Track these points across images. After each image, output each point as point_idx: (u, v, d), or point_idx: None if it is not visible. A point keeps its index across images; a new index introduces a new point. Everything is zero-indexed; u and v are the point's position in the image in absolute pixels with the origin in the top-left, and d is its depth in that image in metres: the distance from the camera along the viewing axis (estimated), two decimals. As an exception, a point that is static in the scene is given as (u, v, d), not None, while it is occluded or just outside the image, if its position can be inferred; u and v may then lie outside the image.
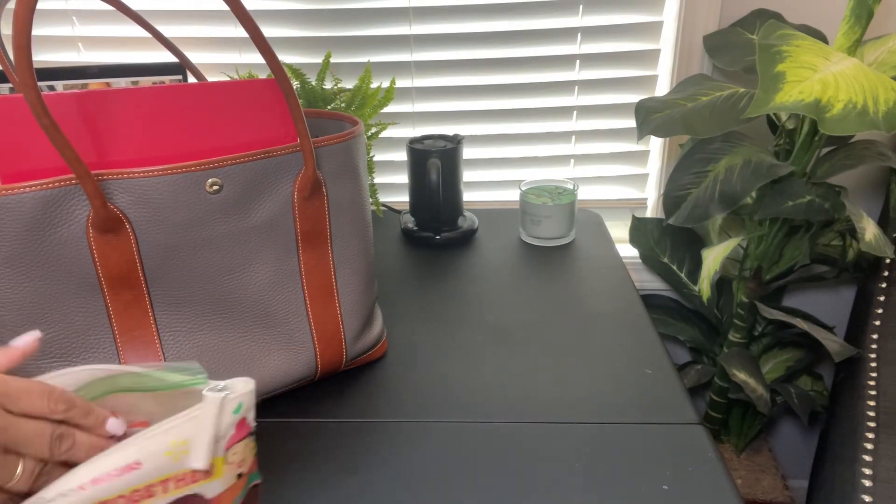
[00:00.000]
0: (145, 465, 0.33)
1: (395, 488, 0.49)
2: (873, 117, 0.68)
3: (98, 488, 0.32)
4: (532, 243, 0.91)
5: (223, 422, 0.35)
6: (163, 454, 0.33)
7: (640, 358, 0.64)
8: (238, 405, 0.36)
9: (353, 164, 0.56)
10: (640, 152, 1.12)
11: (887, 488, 0.75)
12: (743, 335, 1.04)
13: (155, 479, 0.33)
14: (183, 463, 0.34)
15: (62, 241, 0.44)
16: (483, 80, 1.07)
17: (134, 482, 0.33)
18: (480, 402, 0.59)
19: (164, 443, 0.33)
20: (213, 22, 1.04)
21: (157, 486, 0.34)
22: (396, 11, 1.03)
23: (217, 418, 0.35)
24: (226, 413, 0.35)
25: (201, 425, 0.35)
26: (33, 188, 0.42)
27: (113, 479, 0.32)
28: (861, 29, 0.79)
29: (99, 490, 0.32)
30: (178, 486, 0.35)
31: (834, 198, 0.84)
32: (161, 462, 0.33)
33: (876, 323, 0.94)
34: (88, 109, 0.45)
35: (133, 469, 0.33)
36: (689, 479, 0.49)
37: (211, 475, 0.36)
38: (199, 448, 0.35)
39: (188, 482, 0.35)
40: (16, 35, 0.36)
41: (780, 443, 1.33)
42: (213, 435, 0.35)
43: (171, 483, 0.34)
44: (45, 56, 1.05)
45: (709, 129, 0.80)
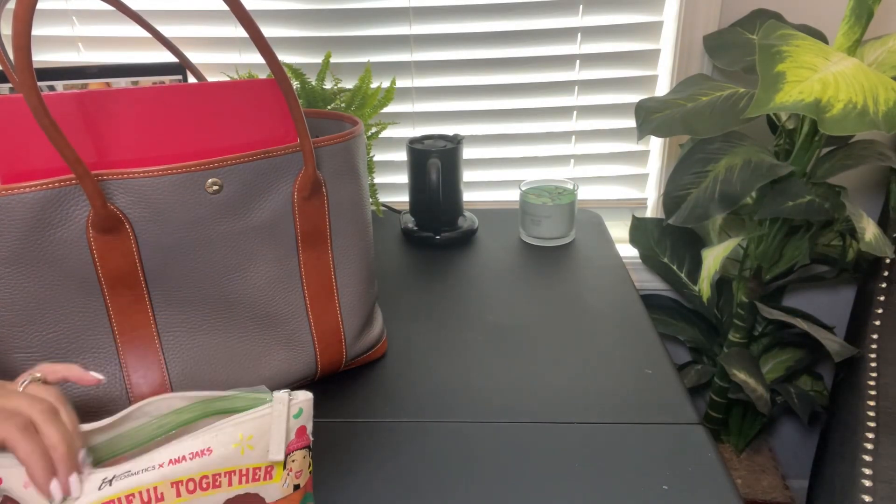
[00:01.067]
0: (215, 453, 0.36)
1: (395, 488, 0.49)
2: (873, 117, 0.68)
3: (174, 468, 0.35)
4: (532, 243, 0.91)
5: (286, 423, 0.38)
6: (231, 445, 0.37)
7: (640, 358, 0.64)
8: (299, 409, 0.39)
9: (353, 164, 0.56)
10: (640, 152, 1.12)
11: (887, 488, 0.75)
12: (743, 335, 1.04)
13: (221, 469, 0.37)
14: (248, 458, 0.37)
15: (62, 241, 0.44)
16: (483, 80, 1.07)
17: (203, 468, 0.36)
18: (480, 402, 0.59)
19: (233, 435, 0.37)
20: (213, 22, 1.04)
21: (223, 477, 0.37)
22: (396, 11, 1.03)
23: (286, 415, 0.38)
24: (289, 415, 0.38)
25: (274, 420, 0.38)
26: (33, 188, 0.42)
27: (187, 462, 0.35)
28: (861, 29, 0.79)
29: (174, 469, 0.35)
30: (241, 481, 0.37)
31: (834, 198, 0.84)
32: (229, 453, 0.36)
33: (876, 323, 0.94)
34: (88, 109, 0.45)
35: (205, 454, 0.36)
36: (689, 479, 0.49)
37: (271, 478, 0.39)
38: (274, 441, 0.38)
39: (250, 480, 0.38)
40: (16, 35, 0.36)
41: (780, 443, 1.33)
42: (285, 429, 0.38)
43: (234, 476, 0.37)
44: (45, 56, 1.05)
45: (709, 129, 0.80)
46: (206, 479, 0.36)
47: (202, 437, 0.36)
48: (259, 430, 0.38)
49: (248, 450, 0.37)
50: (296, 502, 0.40)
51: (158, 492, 0.35)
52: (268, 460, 0.38)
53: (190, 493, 0.36)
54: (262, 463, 0.38)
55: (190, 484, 0.36)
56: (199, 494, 0.36)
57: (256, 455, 0.38)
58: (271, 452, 0.38)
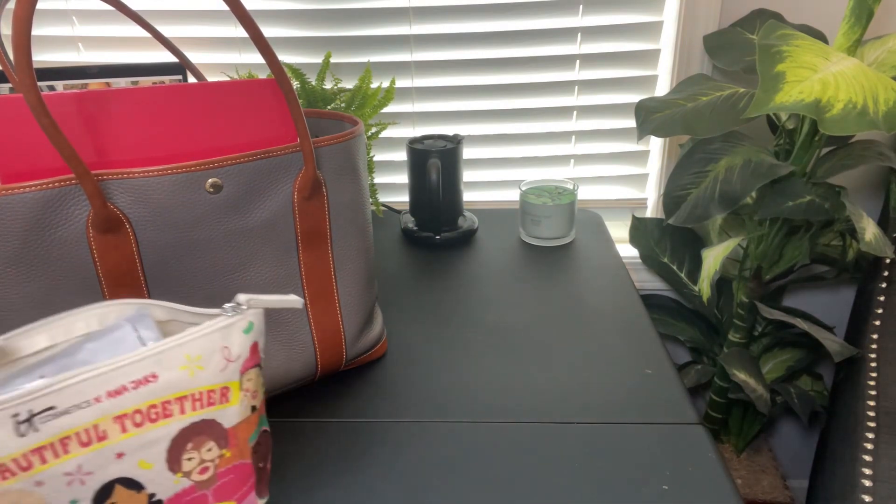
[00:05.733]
0: (161, 379, 0.32)
1: (395, 488, 0.49)
2: (873, 117, 0.68)
3: (114, 401, 0.31)
4: (532, 243, 0.91)
5: (235, 339, 0.35)
6: (177, 368, 0.33)
7: (640, 358, 0.64)
8: (249, 324, 0.36)
9: (353, 164, 0.56)
10: (640, 152, 1.12)
11: (887, 488, 0.75)
12: (743, 335, 1.04)
13: (170, 396, 0.33)
14: (199, 380, 0.34)
15: (62, 240, 0.44)
16: (483, 80, 1.07)
17: (150, 396, 0.32)
18: (480, 402, 0.59)
19: (178, 356, 0.33)
20: (213, 22, 1.04)
21: (174, 405, 0.33)
22: (396, 11, 1.03)
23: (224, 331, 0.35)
24: (236, 330, 0.35)
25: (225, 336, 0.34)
26: (33, 188, 0.42)
27: (129, 392, 0.31)
28: (861, 29, 0.79)
29: (115, 402, 0.31)
30: (196, 407, 0.34)
31: (834, 198, 0.84)
32: (176, 376, 0.33)
33: (876, 323, 0.93)
34: (88, 109, 0.45)
35: (149, 382, 0.32)
36: (689, 479, 0.49)
37: (228, 400, 0.35)
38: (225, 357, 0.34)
39: (204, 404, 0.34)
40: (16, 35, 0.36)
41: (780, 443, 1.33)
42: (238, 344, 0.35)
43: (187, 402, 0.33)
44: (45, 56, 1.05)
45: (709, 129, 0.80)
46: (155, 408, 0.32)
47: (143, 363, 0.32)
48: (208, 349, 0.34)
49: (199, 371, 0.33)
50: (254, 425, 0.37)
51: (100, 430, 0.31)
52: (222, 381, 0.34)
53: (137, 426, 0.32)
54: (217, 384, 0.34)
55: (136, 416, 0.32)
56: (148, 427, 0.32)
57: (208, 376, 0.34)
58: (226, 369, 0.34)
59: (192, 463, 0.34)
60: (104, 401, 0.31)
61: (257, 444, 0.38)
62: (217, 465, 0.36)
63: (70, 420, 0.30)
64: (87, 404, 0.31)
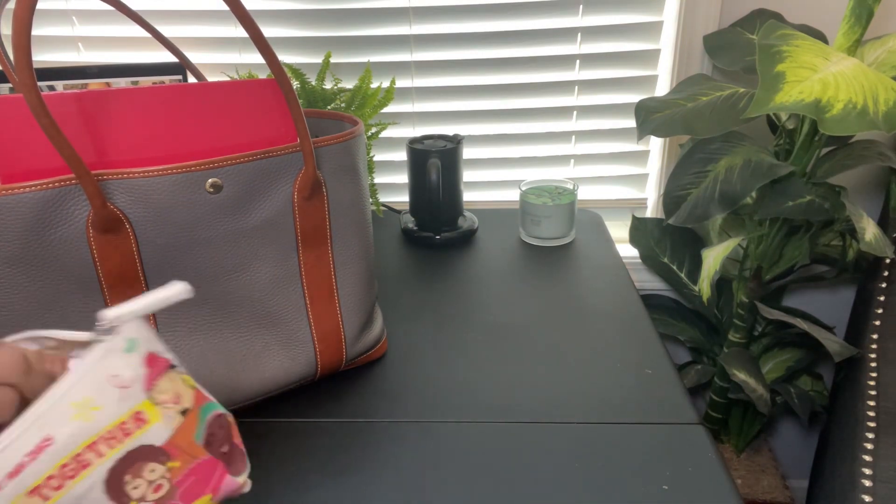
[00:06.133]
0: (58, 438, 0.29)
1: (395, 488, 0.49)
2: (873, 117, 0.68)
3: (17, 480, 0.28)
4: (532, 243, 0.91)
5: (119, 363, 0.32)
6: (69, 419, 0.30)
7: (640, 358, 0.64)
8: (128, 342, 0.32)
9: (353, 164, 0.56)
10: (640, 152, 1.12)
11: (887, 488, 0.75)
12: (743, 335, 1.04)
13: (79, 447, 0.30)
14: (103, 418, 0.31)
15: (62, 240, 0.44)
16: (483, 80, 1.07)
17: (56, 458, 0.29)
18: (480, 402, 0.59)
19: (64, 409, 0.30)
20: (213, 22, 1.04)
21: (87, 453, 0.30)
22: (396, 11, 1.03)
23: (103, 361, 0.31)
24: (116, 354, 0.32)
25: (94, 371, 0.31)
26: (33, 188, 0.42)
27: (29, 465, 0.29)
28: (861, 29, 0.79)
29: (19, 482, 0.28)
30: (112, 444, 0.31)
31: (834, 198, 0.84)
32: (74, 428, 0.30)
33: (876, 323, 0.93)
34: (88, 109, 0.45)
35: (46, 446, 0.29)
36: (689, 479, 0.49)
37: (146, 421, 0.32)
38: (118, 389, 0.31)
39: (121, 437, 0.31)
40: (16, 35, 0.36)
41: (780, 443, 1.33)
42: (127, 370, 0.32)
43: (101, 445, 0.31)
44: (45, 56, 1.05)
45: (709, 129, 0.80)
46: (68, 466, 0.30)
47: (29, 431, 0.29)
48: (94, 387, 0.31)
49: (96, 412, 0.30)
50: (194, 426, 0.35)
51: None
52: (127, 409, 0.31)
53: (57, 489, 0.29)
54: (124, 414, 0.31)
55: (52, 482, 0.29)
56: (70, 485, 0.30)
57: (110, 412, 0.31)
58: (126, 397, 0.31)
59: (140, 490, 0.32)
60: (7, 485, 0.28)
61: (209, 436, 0.36)
62: (170, 477, 0.33)
63: None
64: None
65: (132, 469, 0.32)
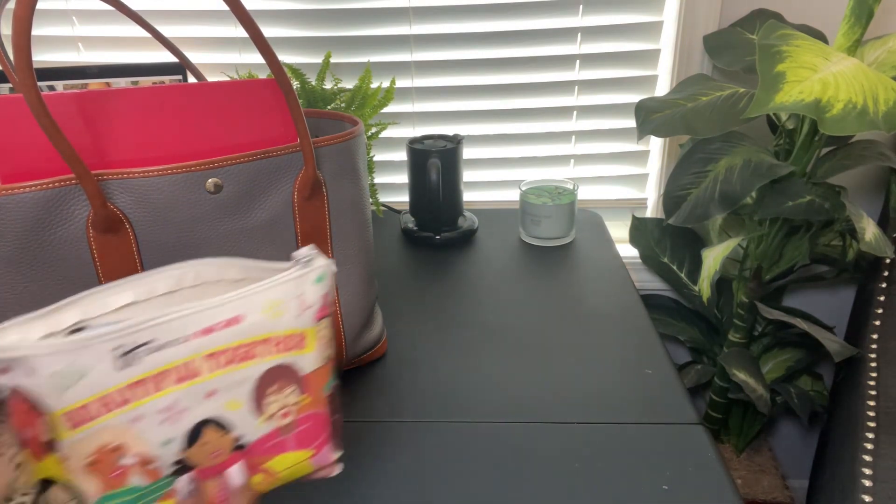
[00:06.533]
0: (246, 320, 0.34)
1: (395, 488, 0.49)
2: (873, 117, 0.68)
3: (205, 339, 0.33)
4: (532, 243, 0.91)
5: (308, 288, 0.36)
6: (260, 311, 0.34)
7: (640, 358, 0.64)
8: (321, 274, 0.37)
9: (353, 164, 0.56)
10: (640, 152, 1.12)
11: (887, 488, 0.75)
12: (743, 335, 1.04)
13: (254, 338, 0.34)
14: (279, 324, 0.35)
15: (62, 241, 0.44)
16: (483, 80, 1.07)
17: (237, 336, 0.34)
18: (480, 402, 0.59)
19: (260, 300, 0.34)
20: (213, 22, 1.04)
21: (259, 346, 0.35)
22: (396, 11, 1.03)
23: (299, 280, 0.36)
24: (308, 280, 0.36)
25: (299, 284, 0.36)
26: (33, 188, 0.42)
27: (218, 332, 0.33)
28: (861, 29, 0.79)
29: (206, 341, 0.33)
30: (277, 349, 0.35)
31: (834, 198, 0.84)
32: (259, 319, 0.34)
33: (876, 323, 0.93)
34: (88, 109, 0.45)
35: (236, 322, 0.34)
36: (689, 479, 0.49)
37: (304, 347, 0.37)
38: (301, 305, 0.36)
39: (284, 348, 0.36)
40: (16, 35, 0.36)
41: (780, 443, 1.33)
42: (312, 292, 0.36)
43: (269, 345, 0.35)
44: (45, 56, 1.05)
45: (709, 129, 0.80)
46: (241, 348, 0.34)
47: (231, 304, 0.33)
48: (285, 295, 0.35)
49: (278, 316, 0.35)
50: (327, 376, 0.39)
51: (193, 367, 0.33)
52: (299, 326, 0.36)
53: (226, 364, 0.34)
54: (295, 329, 0.36)
55: (225, 355, 0.34)
56: (234, 367, 0.34)
57: (287, 320, 0.36)
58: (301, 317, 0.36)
59: (274, 406, 0.36)
60: (197, 339, 0.32)
61: (331, 395, 0.40)
62: (297, 410, 0.37)
63: (166, 355, 0.32)
64: (183, 340, 0.32)
65: (278, 383, 0.36)
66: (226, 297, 0.33)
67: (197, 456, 0.34)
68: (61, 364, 0.30)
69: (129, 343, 0.31)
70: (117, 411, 0.31)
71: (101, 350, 0.30)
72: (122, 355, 0.31)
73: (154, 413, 0.32)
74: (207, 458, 0.35)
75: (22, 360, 0.29)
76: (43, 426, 0.31)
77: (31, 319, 0.32)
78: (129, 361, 0.31)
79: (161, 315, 0.31)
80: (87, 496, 0.32)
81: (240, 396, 0.35)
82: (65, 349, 0.29)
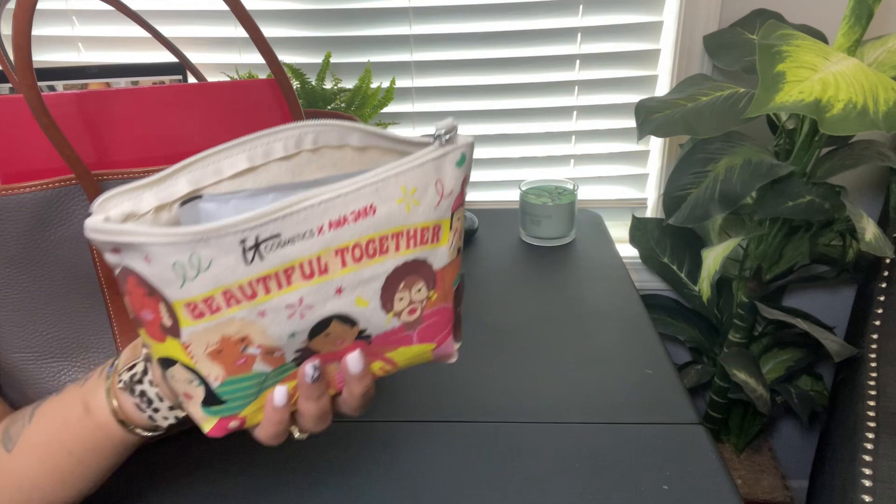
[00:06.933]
0: (379, 212, 0.31)
1: (395, 488, 0.49)
2: (873, 117, 0.68)
3: (336, 232, 0.30)
4: (532, 243, 0.91)
5: (448, 172, 0.33)
6: (394, 201, 0.31)
7: (640, 358, 0.64)
8: (461, 156, 0.33)
9: (354, 163, 0.56)
10: (640, 152, 1.12)
11: (887, 488, 0.75)
12: (743, 335, 1.04)
13: (387, 231, 0.32)
14: (413, 216, 0.32)
15: (62, 240, 0.44)
16: (483, 80, 1.07)
17: (369, 230, 0.31)
18: (480, 402, 0.59)
19: (395, 187, 0.31)
20: (213, 22, 1.04)
21: (390, 241, 0.32)
22: (396, 11, 1.03)
23: (438, 162, 0.32)
24: (449, 162, 0.33)
25: (437, 167, 0.32)
26: (33, 188, 0.42)
27: (349, 224, 0.30)
28: (861, 29, 0.79)
29: (337, 234, 0.30)
30: (411, 244, 0.33)
31: (834, 198, 0.84)
32: (394, 210, 0.31)
33: (876, 323, 0.93)
34: (88, 109, 0.45)
35: (368, 214, 0.31)
36: (689, 479, 0.49)
37: (438, 240, 0.34)
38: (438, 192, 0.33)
39: (418, 242, 0.33)
40: (15, 35, 0.36)
41: (780, 443, 1.33)
42: (451, 177, 0.33)
43: (402, 239, 0.32)
44: (45, 56, 1.05)
45: (709, 129, 0.80)
46: (373, 243, 0.31)
47: (362, 191, 0.30)
48: (423, 181, 0.32)
49: (413, 206, 0.32)
50: (458, 268, 0.36)
51: (322, 263, 0.30)
52: (434, 218, 0.33)
53: (356, 261, 0.31)
54: (430, 222, 0.33)
55: (356, 251, 0.31)
56: (365, 263, 0.31)
57: (423, 212, 0.32)
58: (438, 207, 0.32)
59: (402, 303, 0.34)
60: (326, 232, 0.30)
61: (458, 288, 0.37)
62: (424, 306, 0.35)
63: (294, 250, 0.29)
64: (310, 234, 0.30)
65: (409, 279, 0.33)
66: (355, 181, 0.30)
67: (320, 345, 0.33)
68: (183, 255, 0.28)
69: (254, 236, 0.28)
70: (242, 305, 0.29)
71: (226, 242, 0.28)
72: (248, 249, 0.28)
73: (281, 308, 0.30)
74: (331, 346, 0.33)
75: (139, 247, 0.27)
76: (162, 311, 0.29)
77: (140, 187, 0.30)
78: (255, 255, 0.29)
79: (287, 205, 0.29)
80: (210, 379, 0.31)
81: (368, 294, 0.32)
82: (187, 240, 0.27)
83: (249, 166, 0.32)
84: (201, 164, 0.31)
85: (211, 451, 0.53)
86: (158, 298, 0.29)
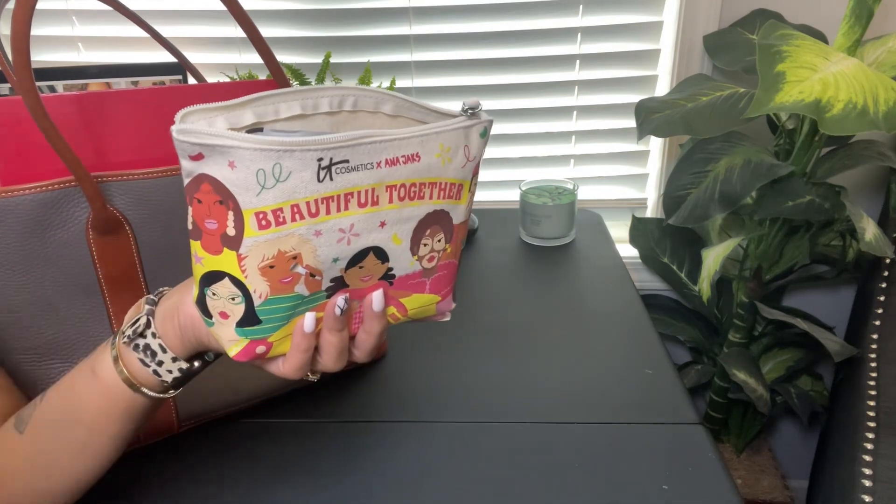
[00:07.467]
0: (423, 161, 0.35)
1: (394, 488, 0.49)
2: (873, 117, 0.68)
3: (388, 170, 0.34)
4: (532, 243, 0.91)
5: (474, 140, 0.37)
6: (434, 154, 0.35)
7: (640, 358, 0.64)
8: (484, 128, 0.38)
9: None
10: (640, 152, 1.12)
11: (887, 488, 0.75)
12: (743, 335, 1.04)
13: (426, 178, 0.36)
14: (446, 171, 0.36)
15: (62, 242, 0.44)
16: (483, 80, 1.07)
17: (413, 174, 0.35)
18: (480, 402, 0.59)
19: (435, 143, 0.35)
20: (213, 22, 1.04)
21: (426, 188, 0.36)
22: (396, 11, 1.03)
23: (467, 131, 0.37)
24: (474, 132, 0.37)
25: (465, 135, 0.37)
26: (33, 190, 0.42)
27: (400, 165, 0.34)
28: (861, 29, 0.79)
29: (389, 172, 0.34)
30: (441, 194, 0.37)
31: (834, 198, 0.84)
32: (433, 162, 0.36)
33: (876, 323, 0.93)
34: (88, 111, 0.45)
35: (414, 160, 0.35)
36: (689, 479, 0.49)
37: (460, 198, 0.38)
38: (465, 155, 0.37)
39: (446, 196, 0.37)
40: (14, 37, 0.36)
41: (780, 443, 1.33)
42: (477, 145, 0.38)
43: (435, 189, 0.36)
44: (45, 56, 1.05)
45: (709, 129, 0.80)
46: (415, 187, 0.35)
47: (411, 142, 0.34)
48: (455, 143, 0.36)
49: (448, 162, 0.36)
50: (464, 232, 0.41)
51: (374, 194, 0.34)
52: (459, 177, 0.37)
53: (401, 199, 0.35)
54: (456, 179, 0.37)
55: (401, 190, 0.35)
56: (406, 203, 0.36)
57: (453, 168, 0.37)
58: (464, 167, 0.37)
59: (426, 249, 0.38)
60: (383, 167, 0.34)
61: (463, 250, 0.42)
62: (440, 257, 0.39)
63: (357, 177, 0.33)
64: (371, 166, 0.33)
65: (434, 228, 0.38)
66: (405, 131, 0.34)
67: (351, 277, 0.36)
68: (268, 163, 0.30)
69: (329, 157, 0.31)
70: (304, 221, 0.32)
71: (307, 158, 0.31)
72: (322, 168, 0.31)
73: (334, 231, 0.33)
74: (359, 281, 0.36)
75: (228, 152, 0.30)
76: (229, 221, 0.31)
77: (214, 109, 0.32)
78: (327, 175, 0.32)
79: (357, 137, 0.32)
80: (255, 296, 0.33)
81: (403, 232, 0.36)
82: (275, 148, 0.30)
83: (301, 113, 0.35)
84: (263, 102, 0.34)
85: (211, 451, 0.53)
86: (229, 206, 0.31)
